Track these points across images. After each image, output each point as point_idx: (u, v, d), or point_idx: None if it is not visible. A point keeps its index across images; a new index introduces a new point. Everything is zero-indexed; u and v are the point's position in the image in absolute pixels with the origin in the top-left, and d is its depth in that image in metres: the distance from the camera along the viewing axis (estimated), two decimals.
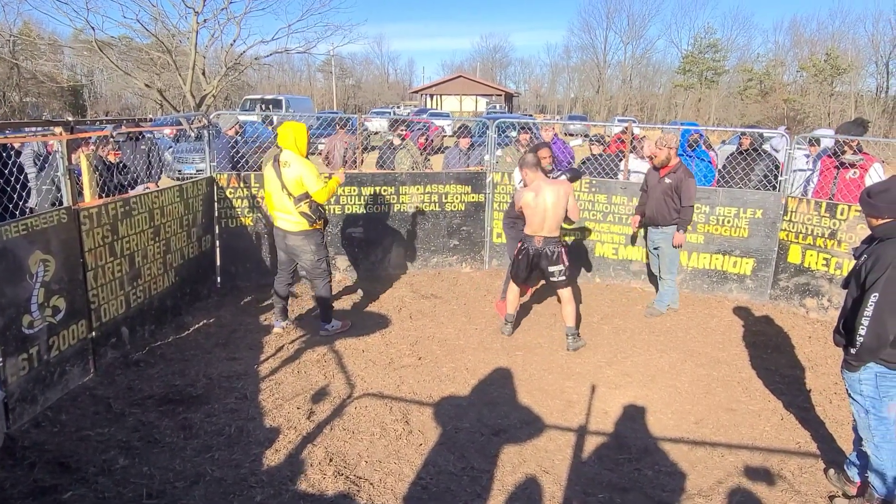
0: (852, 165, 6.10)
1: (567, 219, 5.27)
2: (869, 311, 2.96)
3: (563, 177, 5.63)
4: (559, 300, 5.48)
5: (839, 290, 5.96)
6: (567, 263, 5.27)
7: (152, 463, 3.39)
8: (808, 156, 7.09)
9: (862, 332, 3.00)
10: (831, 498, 3.35)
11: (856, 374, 3.14)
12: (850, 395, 3.26)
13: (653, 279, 6.71)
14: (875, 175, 6.02)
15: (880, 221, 3.06)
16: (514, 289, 5.56)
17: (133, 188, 6.22)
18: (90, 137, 5.50)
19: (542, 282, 6.64)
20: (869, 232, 3.17)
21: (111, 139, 5.95)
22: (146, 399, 4.10)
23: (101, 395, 4.11)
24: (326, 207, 5.86)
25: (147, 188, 6.17)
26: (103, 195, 5.18)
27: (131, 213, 4.82)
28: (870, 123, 6.51)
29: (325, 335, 5.31)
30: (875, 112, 40.20)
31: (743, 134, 7.32)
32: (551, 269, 5.22)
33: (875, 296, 2.94)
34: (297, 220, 5.01)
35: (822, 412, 4.31)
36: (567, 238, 7.16)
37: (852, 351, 3.10)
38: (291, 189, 4.91)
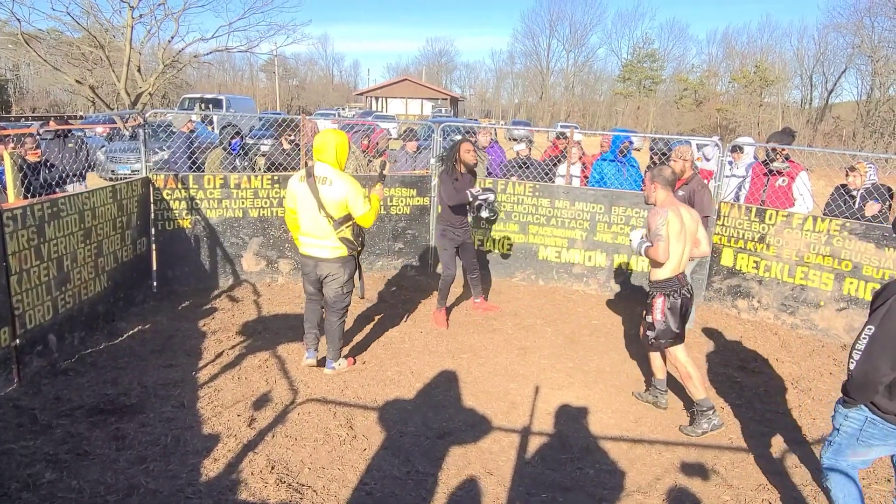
0: (780, 173, 6.41)
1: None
2: (861, 344, 2.62)
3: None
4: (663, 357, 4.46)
5: (768, 292, 6.25)
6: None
7: (82, 476, 3.24)
8: (731, 163, 7.42)
9: (852, 365, 2.66)
10: None
11: (845, 410, 2.83)
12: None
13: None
14: (801, 182, 6.34)
15: None
16: (690, 361, 4.27)
17: (60, 187, 5.95)
18: (13, 135, 5.22)
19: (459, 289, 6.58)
20: None
21: (37, 137, 5.67)
22: (75, 409, 3.91)
23: (25, 405, 3.90)
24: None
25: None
26: (28, 196, 4.93)
27: (59, 215, 4.59)
28: (797, 133, 6.86)
29: (330, 373, 4.69)
30: (800, 122, 42.40)
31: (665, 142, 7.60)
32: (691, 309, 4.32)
33: (870, 329, 2.60)
34: (336, 246, 4.35)
35: (751, 408, 4.51)
36: (507, 241, 7.26)
37: (845, 384, 2.78)
38: (333, 211, 4.25)
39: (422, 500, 3.28)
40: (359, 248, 4.49)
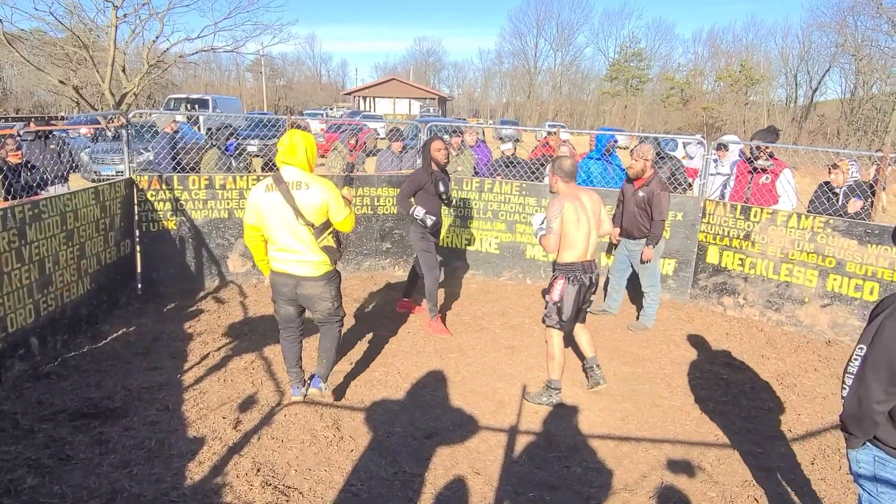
0: (764, 171, 6.46)
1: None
2: (853, 367, 2.28)
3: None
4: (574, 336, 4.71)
5: (754, 289, 6.30)
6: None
7: (64, 481, 3.20)
8: (716, 161, 7.47)
9: (844, 392, 2.30)
10: None
11: (853, 453, 2.39)
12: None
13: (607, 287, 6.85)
14: (784, 180, 6.40)
15: None
16: (561, 348, 4.43)
17: (42, 189, 5.89)
18: None
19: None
20: None
21: (17, 138, 5.60)
22: (58, 413, 3.86)
23: (7, 410, 3.85)
24: None
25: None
26: (9, 198, 4.87)
27: (41, 217, 4.53)
28: (781, 131, 6.93)
29: (316, 393, 4.26)
30: (785, 120, 42.77)
31: (641, 141, 7.68)
32: (592, 297, 4.50)
33: (861, 349, 2.26)
34: (319, 260, 3.86)
35: (737, 405, 4.53)
36: (492, 240, 7.26)
37: (841, 416, 2.38)
38: (313, 218, 3.76)
39: (409, 500, 3.27)
40: (339, 257, 4.00)
